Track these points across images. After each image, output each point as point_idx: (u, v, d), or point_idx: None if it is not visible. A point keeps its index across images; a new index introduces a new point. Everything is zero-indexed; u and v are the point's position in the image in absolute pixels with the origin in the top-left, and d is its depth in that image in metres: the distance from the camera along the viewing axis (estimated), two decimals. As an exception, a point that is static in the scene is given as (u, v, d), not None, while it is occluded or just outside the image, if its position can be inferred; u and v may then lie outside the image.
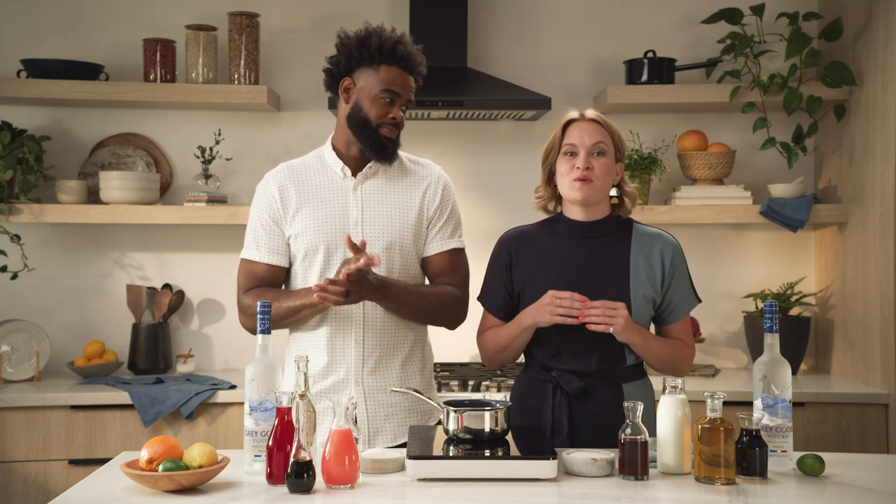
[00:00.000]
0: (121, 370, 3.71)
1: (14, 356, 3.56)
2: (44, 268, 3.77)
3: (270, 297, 2.43)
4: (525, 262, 2.41)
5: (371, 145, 2.44)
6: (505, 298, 2.43)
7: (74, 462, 3.26)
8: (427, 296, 2.47)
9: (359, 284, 2.29)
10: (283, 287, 2.56)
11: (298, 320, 2.44)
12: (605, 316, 2.25)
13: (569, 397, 2.33)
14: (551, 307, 2.27)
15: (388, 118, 2.42)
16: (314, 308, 2.38)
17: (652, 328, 2.47)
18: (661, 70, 3.68)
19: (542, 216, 2.51)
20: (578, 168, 2.33)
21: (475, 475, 2.01)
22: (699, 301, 2.45)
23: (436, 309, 2.48)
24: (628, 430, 2.03)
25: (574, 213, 2.41)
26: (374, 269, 2.41)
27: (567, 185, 2.36)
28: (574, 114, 2.40)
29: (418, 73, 2.48)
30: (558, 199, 2.46)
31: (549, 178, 2.44)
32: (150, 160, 3.81)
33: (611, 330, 2.25)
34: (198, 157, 3.73)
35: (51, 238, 3.81)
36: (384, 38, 2.42)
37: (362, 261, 2.25)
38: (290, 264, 2.51)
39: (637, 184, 3.65)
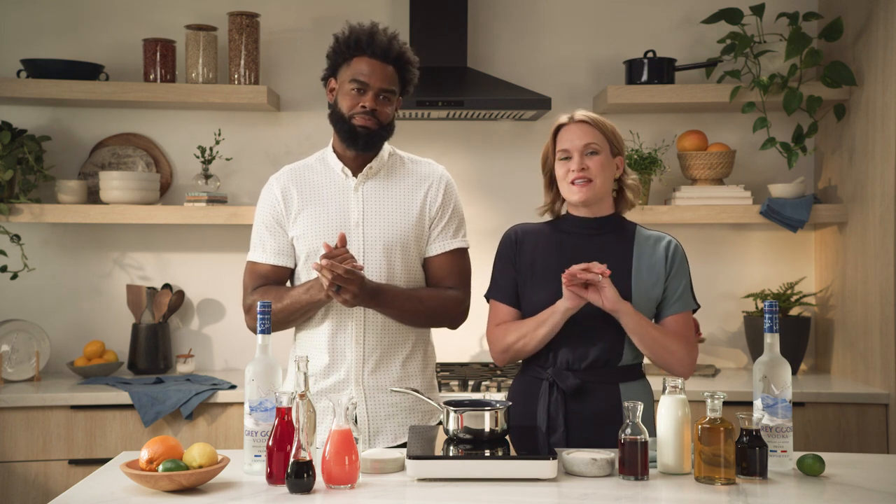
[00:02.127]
0: (121, 370, 3.71)
1: (14, 356, 3.56)
2: (44, 268, 3.77)
3: (274, 294, 2.43)
4: (528, 254, 2.42)
5: (344, 136, 2.45)
6: (516, 286, 2.42)
7: (74, 462, 3.26)
8: (425, 300, 2.47)
9: (357, 287, 2.29)
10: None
11: (303, 316, 2.44)
12: (589, 277, 2.22)
13: (565, 395, 2.33)
14: (572, 275, 2.23)
15: (358, 107, 2.41)
16: (321, 302, 2.39)
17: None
18: (661, 70, 3.68)
19: (538, 217, 2.52)
20: (573, 171, 2.35)
21: (475, 475, 2.01)
22: (697, 306, 2.44)
23: (435, 313, 2.49)
24: (628, 430, 2.03)
25: (578, 210, 2.43)
26: (375, 271, 2.42)
27: (566, 188, 2.38)
28: (563, 118, 2.42)
29: (397, 60, 2.45)
30: (563, 201, 2.46)
31: (551, 183, 2.45)
32: (150, 160, 3.81)
33: (596, 297, 2.23)
34: (198, 157, 3.73)
35: (51, 238, 3.81)
36: (354, 32, 2.43)
37: (358, 265, 2.26)
38: (295, 265, 2.52)
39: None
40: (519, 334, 2.37)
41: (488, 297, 2.49)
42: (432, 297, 2.48)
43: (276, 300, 2.40)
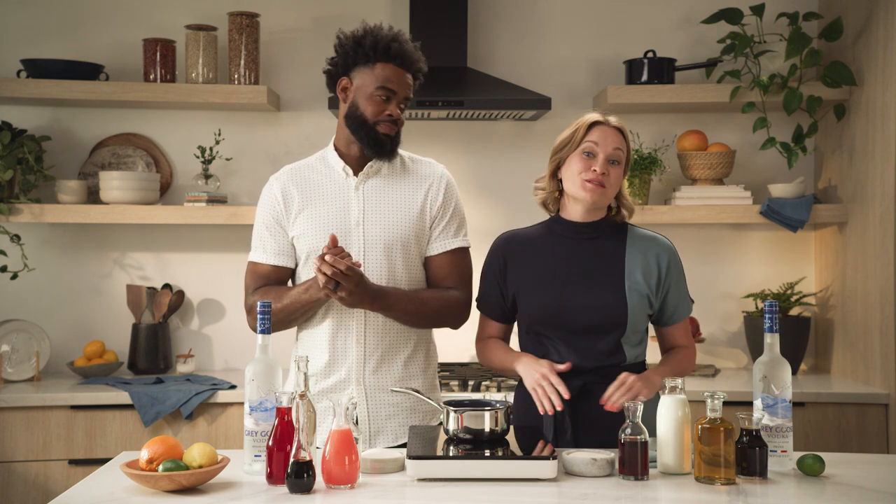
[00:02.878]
0: (121, 370, 3.71)
1: (14, 356, 3.56)
2: (44, 268, 3.77)
3: (274, 294, 2.43)
4: (519, 265, 2.41)
5: (369, 143, 2.44)
6: (499, 302, 2.44)
7: (74, 462, 3.26)
8: (427, 302, 2.46)
9: (354, 285, 2.28)
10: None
11: (303, 315, 2.44)
12: (628, 397, 2.23)
13: (572, 398, 2.32)
14: (537, 382, 2.26)
15: (384, 115, 2.42)
16: (319, 301, 2.38)
17: (650, 333, 2.48)
18: (661, 70, 3.68)
19: (538, 217, 2.51)
20: (595, 171, 2.33)
21: (475, 475, 2.01)
22: (692, 302, 2.47)
23: (437, 314, 2.48)
24: (628, 430, 2.03)
25: (572, 213, 2.41)
26: (375, 270, 2.41)
27: (578, 183, 2.35)
28: (597, 116, 2.39)
29: (416, 69, 2.47)
30: (559, 194, 2.45)
31: (555, 172, 2.43)
32: (150, 160, 3.81)
33: (643, 398, 2.23)
34: (198, 157, 3.73)
35: (51, 238, 3.81)
36: (379, 36, 2.42)
37: (355, 260, 2.26)
38: (296, 265, 2.51)
39: (637, 184, 3.65)
40: (500, 367, 2.44)
41: (477, 304, 2.50)
42: (434, 298, 2.48)
43: (276, 300, 2.40)
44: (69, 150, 3.81)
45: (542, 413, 2.25)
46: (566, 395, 2.23)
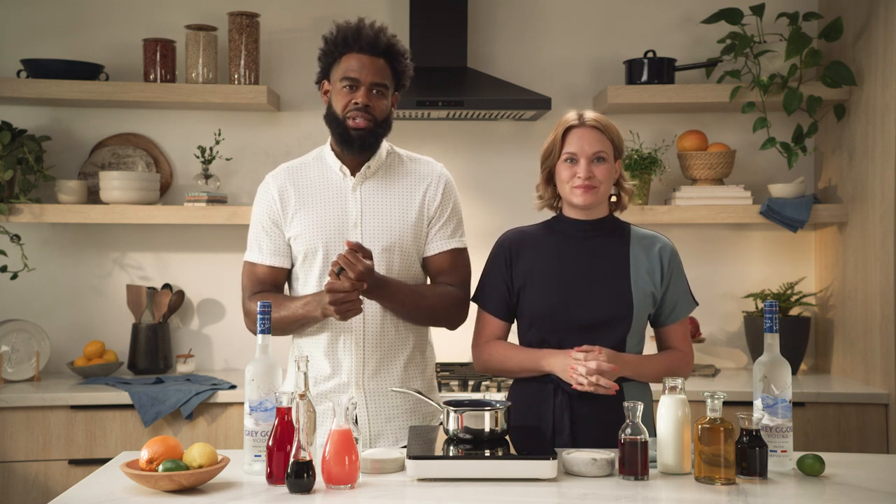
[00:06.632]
0: (121, 370, 3.71)
1: (14, 356, 3.56)
2: (44, 268, 3.77)
3: (272, 304, 2.40)
4: (525, 260, 2.41)
5: (338, 138, 2.43)
6: (504, 296, 2.43)
7: (74, 462, 3.26)
8: (426, 296, 2.46)
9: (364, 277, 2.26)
10: (287, 287, 2.55)
11: (300, 328, 2.43)
12: (596, 383, 2.23)
13: (570, 397, 2.33)
14: (573, 372, 2.27)
15: (351, 104, 2.39)
16: (316, 319, 2.37)
17: (648, 335, 2.48)
18: (661, 70, 3.68)
19: (540, 218, 2.51)
20: (580, 177, 2.34)
21: (475, 475, 2.01)
22: (696, 304, 2.47)
23: (436, 308, 2.46)
24: (628, 430, 2.03)
25: (574, 212, 2.42)
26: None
27: (568, 190, 2.37)
28: (573, 119, 2.38)
29: (386, 52, 2.41)
30: (558, 196, 2.46)
31: (549, 179, 2.44)
32: (150, 160, 3.81)
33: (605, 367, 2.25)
34: (198, 157, 3.73)
35: (51, 238, 3.81)
36: (340, 30, 2.41)
37: (347, 250, 2.24)
38: (293, 265, 2.50)
39: (637, 184, 3.65)
40: (504, 368, 2.42)
41: (477, 302, 2.48)
42: (434, 293, 2.47)
43: (273, 310, 2.37)
44: (69, 150, 3.81)
45: (578, 387, 2.25)
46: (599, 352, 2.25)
